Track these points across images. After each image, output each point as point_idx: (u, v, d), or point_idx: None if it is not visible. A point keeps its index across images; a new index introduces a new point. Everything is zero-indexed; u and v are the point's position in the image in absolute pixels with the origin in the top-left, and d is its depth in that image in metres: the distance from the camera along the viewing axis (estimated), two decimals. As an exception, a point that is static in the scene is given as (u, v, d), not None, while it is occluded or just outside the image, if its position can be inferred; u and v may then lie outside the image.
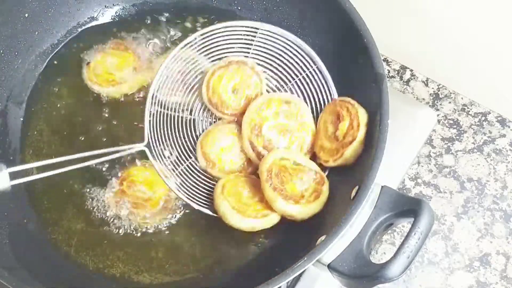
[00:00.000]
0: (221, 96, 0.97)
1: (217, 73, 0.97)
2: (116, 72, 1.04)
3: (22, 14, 1.02)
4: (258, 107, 0.94)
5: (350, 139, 0.88)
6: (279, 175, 0.89)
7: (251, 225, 0.89)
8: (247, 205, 0.90)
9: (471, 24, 1.09)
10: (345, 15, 0.92)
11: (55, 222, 0.96)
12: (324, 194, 0.90)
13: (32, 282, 0.84)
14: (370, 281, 0.77)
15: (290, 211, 0.88)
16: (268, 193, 0.88)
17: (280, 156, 0.91)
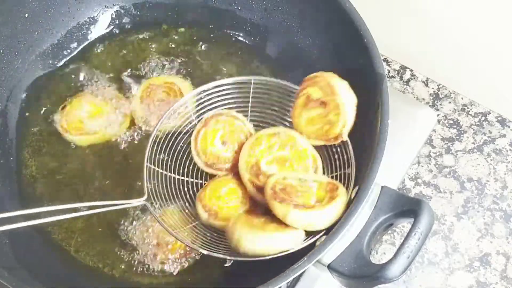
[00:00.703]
0: (214, 153, 0.94)
1: (200, 136, 0.95)
2: (88, 121, 1.01)
3: (22, 14, 1.02)
4: (249, 148, 0.91)
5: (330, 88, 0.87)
6: (286, 190, 0.84)
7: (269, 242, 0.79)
8: (263, 223, 0.84)
9: (471, 24, 1.09)
10: (345, 15, 0.92)
11: (55, 222, 0.96)
12: (340, 196, 0.81)
13: (32, 282, 0.84)
14: (370, 281, 0.77)
15: (307, 219, 0.80)
16: (278, 208, 0.81)
17: (283, 175, 0.87)
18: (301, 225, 0.81)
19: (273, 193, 0.83)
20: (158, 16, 1.13)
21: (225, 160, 0.95)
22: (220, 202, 0.91)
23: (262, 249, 0.79)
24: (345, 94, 0.87)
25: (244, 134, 0.96)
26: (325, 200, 0.82)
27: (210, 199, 0.91)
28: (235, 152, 0.95)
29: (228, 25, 1.11)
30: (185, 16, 1.13)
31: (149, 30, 1.12)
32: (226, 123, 0.96)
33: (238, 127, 0.96)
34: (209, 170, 0.95)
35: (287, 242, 0.80)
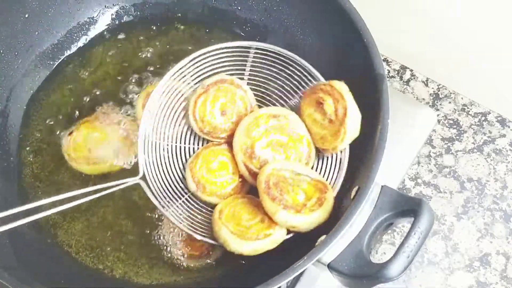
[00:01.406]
0: (212, 123, 0.93)
1: (199, 101, 0.93)
2: (94, 149, 0.98)
3: (22, 14, 1.02)
4: (246, 128, 0.90)
5: (343, 111, 0.85)
6: (278, 185, 0.85)
7: (253, 248, 0.83)
8: (247, 227, 0.85)
9: (471, 24, 1.09)
10: (345, 15, 0.92)
11: (55, 222, 0.96)
12: (328, 201, 0.84)
13: (32, 282, 0.84)
14: (370, 281, 0.77)
15: (293, 222, 0.82)
16: (268, 205, 0.83)
17: (278, 166, 0.87)
18: (286, 226, 0.83)
19: (266, 187, 0.84)
20: (158, 16, 1.13)
21: (222, 130, 0.93)
22: (210, 176, 0.90)
23: (247, 252, 0.83)
24: (352, 126, 0.86)
25: (245, 105, 0.94)
26: (313, 201, 0.84)
27: (200, 171, 0.90)
28: (232, 123, 0.93)
29: (228, 25, 1.11)
30: (185, 16, 1.13)
31: (149, 30, 1.12)
32: (228, 91, 0.93)
33: (240, 97, 0.94)
34: (205, 136, 0.94)
35: (270, 244, 0.83)
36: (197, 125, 0.93)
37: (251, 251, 0.83)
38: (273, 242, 0.84)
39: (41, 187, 0.99)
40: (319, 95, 0.88)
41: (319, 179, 0.88)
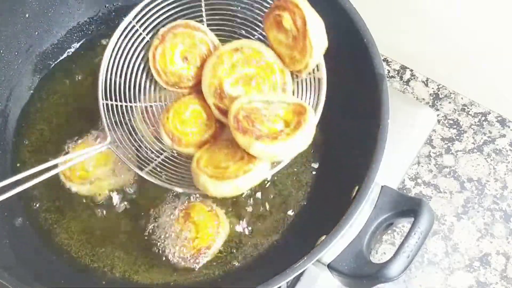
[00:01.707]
0: (176, 73, 0.88)
1: (157, 53, 0.88)
2: (92, 169, 0.94)
3: (22, 14, 1.02)
4: (211, 68, 0.85)
5: (302, 22, 0.80)
6: (250, 117, 0.78)
7: (234, 187, 0.77)
8: (225, 168, 0.79)
9: (471, 24, 1.09)
10: (345, 15, 0.92)
11: (55, 221, 0.96)
12: (307, 121, 0.78)
13: (32, 282, 0.84)
14: (370, 281, 0.77)
15: (271, 151, 0.76)
16: (241, 140, 0.77)
17: (247, 99, 0.81)
18: (265, 157, 0.78)
19: (236, 122, 0.79)
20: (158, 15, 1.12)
21: (188, 78, 0.89)
22: (184, 127, 0.87)
23: (229, 192, 0.78)
24: (316, 35, 0.81)
25: (207, 47, 0.89)
26: (292, 126, 0.78)
27: (174, 124, 0.87)
28: (197, 68, 0.88)
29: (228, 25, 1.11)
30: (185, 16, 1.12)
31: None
32: (185, 36, 0.89)
33: (199, 39, 0.89)
34: (173, 89, 0.90)
35: (252, 180, 0.78)
36: (161, 78, 0.89)
37: (233, 191, 0.78)
38: (255, 177, 0.78)
39: (41, 186, 0.98)
40: (276, 12, 0.83)
41: (297, 102, 0.82)
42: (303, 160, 1.00)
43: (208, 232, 0.91)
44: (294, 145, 0.77)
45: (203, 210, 0.93)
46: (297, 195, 0.98)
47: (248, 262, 0.93)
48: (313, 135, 0.79)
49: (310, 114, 0.79)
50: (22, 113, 1.04)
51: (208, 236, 0.91)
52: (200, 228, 0.91)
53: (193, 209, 0.93)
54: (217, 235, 0.92)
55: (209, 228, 0.92)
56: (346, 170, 0.90)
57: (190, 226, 0.92)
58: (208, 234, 0.91)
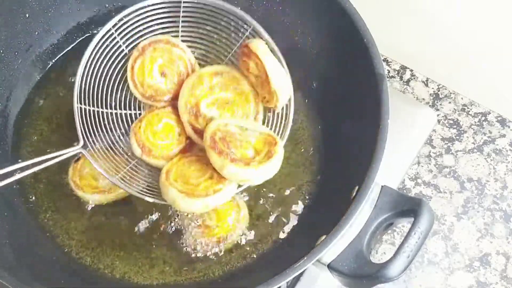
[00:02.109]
0: (153, 86, 0.90)
1: (136, 65, 0.90)
2: (102, 178, 0.93)
3: (22, 14, 1.02)
4: (190, 87, 0.88)
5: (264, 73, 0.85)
6: (225, 139, 0.82)
7: (204, 204, 0.81)
8: (196, 185, 0.83)
9: (471, 24, 1.09)
10: (345, 15, 0.92)
11: (55, 222, 0.96)
12: (277, 153, 0.83)
13: (32, 282, 0.84)
14: (370, 281, 0.77)
15: (243, 175, 0.81)
16: (215, 160, 0.81)
17: (224, 122, 0.85)
18: (236, 180, 0.82)
19: (212, 141, 0.82)
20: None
21: (164, 92, 0.91)
22: (155, 139, 0.89)
23: (198, 209, 0.82)
24: (279, 85, 0.85)
25: (184, 64, 0.91)
26: (262, 155, 0.83)
27: (145, 134, 0.89)
28: (174, 84, 0.91)
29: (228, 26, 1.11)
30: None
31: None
32: (164, 51, 0.91)
33: (178, 56, 0.91)
34: (147, 101, 0.91)
35: (221, 199, 0.82)
36: (138, 90, 0.91)
37: (201, 208, 0.81)
38: (223, 197, 0.82)
39: (41, 186, 0.99)
40: (243, 58, 0.88)
41: (267, 132, 0.87)
42: (303, 160, 1.00)
43: (228, 221, 0.92)
44: (264, 172, 0.82)
45: None
46: (297, 195, 0.98)
47: (248, 262, 0.93)
48: (280, 165, 0.85)
49: (280, 147, 0.85)
50: (22, 113, 1.04)
51: (229, 225, 0.92)
52: (221, 216, 0.92)
53: None
54: (237, 224, 0.92)
55: (230, 217, 0.92)
56: (346, 170, 0.91)
57: (212, 214, 0.92)
58: (229, 223, 0.92)
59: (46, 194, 0.98)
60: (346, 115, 0.98)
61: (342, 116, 0.99)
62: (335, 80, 1.01)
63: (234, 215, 0.92)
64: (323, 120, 1.03)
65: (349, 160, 0.92)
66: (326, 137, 1.02)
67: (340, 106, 0.99)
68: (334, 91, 1.01)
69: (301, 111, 1.04)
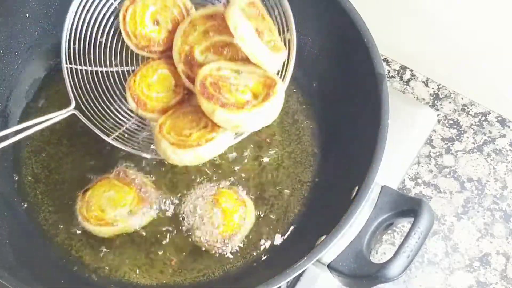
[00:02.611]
0: (146, 35, 0.86)
1: (128, 14, 0.86)
2: (110, 210, 0.91)
3: (22, 14, 1.02)
4: (182, 34, 0.82)
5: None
6: (217, 84, 0.77)
7: (195, 155, 0.76)
8: (188, 136, 0.78)
9: (471, 24, 1.09)
10: (345, 15, 0.92)
11: (55, 222, 0.96)
12: (275, 94, 0.76)
13: (32, 282, 0.84)
14: (370, 281, 0.77)
15: (235, 120, 0.75)
16: (205, 105, 0.75)
17: (216, 66, 0.79)
18: (229, 126, 0.77)
19: (202, 87, 0.76)
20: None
21: (158, 42, 0.86)
22: (150, 91, 0.85)
23: (190, 161, 0.77)
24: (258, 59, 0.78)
25: (179, 10, 0.86)
26: (260, 97, 0.77)
27: (140, 87, 0.85)
28: (169, 32, 0.86)
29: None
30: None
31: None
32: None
33: (172, 2, 0.86)
34: (142, 53, 0.88)
35: (215, 150, 0.78)
36: (131, 41, 0.87)
37: (194, 160, 0.77)
38: (217, 146, 0.77)
39: (41, 186, 0.99)
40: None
41: (267, 74, 0.80)
42: (303, 160, 1.00)
43: (234, 220, 0.91)
44: (259, 116, 0.76)
45: (231, 197, 0.92)
46: (297, 195, 0.98)
47: (248, 262, 0.93)
48: (280, 109, 0.78)
49: (280, 87, 0.78)
50: (22, 113, 1.04)
51: (235, 224, 0.91)
52: (227, 215, 0.91)
53: (222, 195, 0.93)
54: (243, 224, 0.92)
55: (236, 216, 0.91)
56: (346, 170, 0.91)
57: (218, 212, 0.91)
58: (235, 222, 0.91)
59: (45, 194, 0.98)
60: (346, 115, 0.98)
61: (342, 116, 0.99)
62: (335, 80, 1.01)
63: (241, 213, 0.92)
64: (323, 120, 1.03)
65: (349, 160, 0.92)
66: (326, 137, 1.02)
67: (340, 106, 0.99)
68: (334, 91, 1.01)
69: (301, 111, 1.04)
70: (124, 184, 0.93)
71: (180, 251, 0.94)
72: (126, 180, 0.93)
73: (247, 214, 0.93)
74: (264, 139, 1.01)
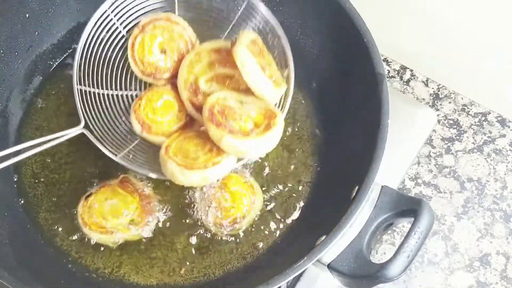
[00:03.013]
0: (152, 63, 0.92)
1: (136, 43, 0.92)
2: (111, 218, 0.91)
3: (22, 14, 1.02)
4: (189, 64, 0.89)
5: None
6: (224, 112, 0.83)
7: (202, 177, 0.81)
8: (195, 158, 0.84)
9: (471, 24, 1.09)
10: (345, 15, 0.92)
11: (55, 222, 0.96)
12: (276, 125, 0.83)
13: (32, 282, 0.84)
14: (370, 281, 0.77)
15: (241, 147, 0.81)
16: (213, 132, 0.81)
17: (223, 95, 0.85)
18: (234, 152, 0.82)
19: (210, 114, 0.82)
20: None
21: (164, 70, 0.92)
22: (155, 116, 0.90)
23: (197, 182, 0.83)
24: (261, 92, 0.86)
25: (185, 42, 0.92)
26: (262, 127, 0.83)
27: (145, 111, 0.90)
28: (174, 61, 0.92)
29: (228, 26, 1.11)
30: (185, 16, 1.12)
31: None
32: (164, 29, 0.92)
33: (178, 34, 0.92)
34: (147, 79, 0.93)
35: (220, 172, 0.83)
36: (138, 67, 0.92)
37: (200, 181, 0.82)
38: (222, 170, 0.83)
39: (41, 186, 0.99)
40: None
41: (268, 106, 0.86)
42: (303, 160, 1.00)
43: (243, 202, 0.92)
44: (262, 144, 0.83)
45: (239, 181, 0.94)
46: (297, 195, 0.98)
47: (248, 262, 0.93)
48: (279, 138, 0.84)
49: (280, 119, 0.85)
50: (23, 113, 1.04)
51: (244, 206, 0.92)
52: (236, 198, 0.92)
53: (230, 179, 0.94)
54: (252, 206, 0.93)
55: (245, 198, 0.93)
56: (346, 170, 0.91)
57: (227, 196, 0.92)
58: (244, 204, 0.92)
59: (45, 193, 0.98)
60: (346, 115, 0.98)
61: (342, 116, 0.99)
62: (335, 80, 1.01)
63: (249, 195, 0.93)
64: (323, 120, 1.03)
65: (349, 160, 0.92)
66: (326, 137, 1.02)
67: (340, 106, 0.99)
68: (334, 91, 1.01)
69: (301, 111, 1.04)
70: (128, 192, 0.93)
71: (181, 251, 0.94)
72: (130, 188, 0.93)
73: (255, 196, 0.94)
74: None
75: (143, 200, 0.93)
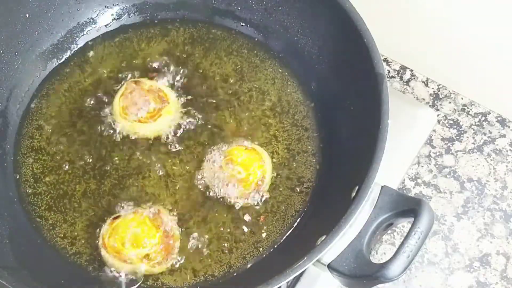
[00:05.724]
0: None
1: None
2: (130, 247, 0.88)
3: (22, 14, 1.02)
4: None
5: None
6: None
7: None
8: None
9: (471, 24, 1.09)
10: (345, 15, 0.92)
11: (55, 221, 0.96)
12: None
13: (32, 282, 0.84)
14: (370, 281, 0.77)
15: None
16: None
17: None
18: None
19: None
20: (158, 16, 1.13)
21: None
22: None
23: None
24: None
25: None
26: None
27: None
28: None
29: (228, 26, 1.11)
30: (185, 17, 1.13)
31: (149, 30, 1.11)
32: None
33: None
34: None
35: None
36: None
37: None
38: None
39: (41, 186, 0.99)
40: None
41: None
42: (303, 160, 1.00)
43: (255, 166, 0.94)
44: None
45: (241, 150, 0.95)
46: (297, 195, 0.98)
47: (248, 262, 0.93)
48: None
49: None
50: (23, 113, 1.04)
51: (258, 169, 0.94)
52: (247, 165, 0.94)
53: (232, 153, 0.95)
54: (264, 164, 0.95)
55: (255, 162, 0.94)
56: (346, 170, 0.91)
57: (238, 168, 0.94)
58: (256, 167, 0.94)
59: (45, 193, 0.98)
60: (346, 115, 0.98)
61: (342, 116, 0.99)
62: (335, 80, 1.01)
63: (257, 157, 0.95)
64: (323, 120, 1.03)
65: (349, 160, 0.92)
66: (326, 137, 1.01)
67: (340, 106, 0.99)
68: (334, 91, 1.01)
69: (301, 111, 1.04)
70: (153, 225, 0.90)
71: (181, 252, 0.94)
72: (157, 221, 0.91)
73: (262, 156, 0.96)
74: (264, 139, 1.02)
75: (166, 237, 0.90)
